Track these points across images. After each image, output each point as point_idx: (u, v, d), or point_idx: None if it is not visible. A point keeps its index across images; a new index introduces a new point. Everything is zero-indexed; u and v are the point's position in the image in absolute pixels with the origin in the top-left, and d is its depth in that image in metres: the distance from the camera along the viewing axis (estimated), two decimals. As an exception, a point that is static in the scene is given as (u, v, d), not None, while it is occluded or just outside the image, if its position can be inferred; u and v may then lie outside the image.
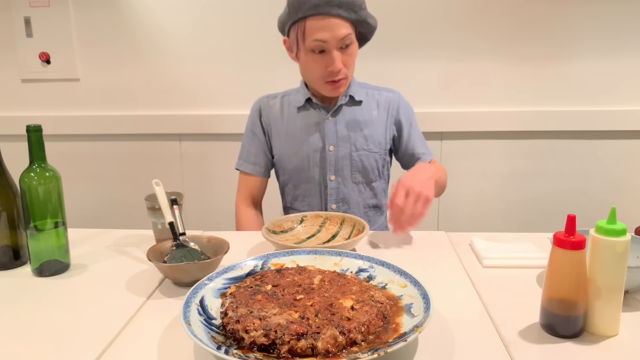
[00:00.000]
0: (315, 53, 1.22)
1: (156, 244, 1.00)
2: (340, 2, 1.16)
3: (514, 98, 2.02)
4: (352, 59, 1.25)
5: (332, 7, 1.16)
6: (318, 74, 1.25)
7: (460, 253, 1.07)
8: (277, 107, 1.39)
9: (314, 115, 1.35)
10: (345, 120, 1.34)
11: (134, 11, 2.02)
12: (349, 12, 1.18)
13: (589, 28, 1.94)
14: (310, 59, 1.24)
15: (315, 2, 1.15)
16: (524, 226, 2.13)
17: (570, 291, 0.71)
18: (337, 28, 1.18)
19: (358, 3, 1.19)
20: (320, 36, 1.18)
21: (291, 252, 0.93)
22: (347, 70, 1.25)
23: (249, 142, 1.42)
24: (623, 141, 2.04)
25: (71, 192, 1.52)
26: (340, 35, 1.19)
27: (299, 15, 1.19)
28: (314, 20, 1.18)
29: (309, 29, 1.19)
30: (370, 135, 1.34)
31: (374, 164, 1.36)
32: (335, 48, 1.20)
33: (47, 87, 2.10)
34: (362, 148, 1.34)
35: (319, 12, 1.16)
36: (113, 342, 0.73)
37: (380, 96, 1.38)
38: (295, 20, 1.21)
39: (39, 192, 0.94)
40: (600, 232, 0.70)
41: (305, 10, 1.17)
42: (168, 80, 2.07)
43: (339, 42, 1.20)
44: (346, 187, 1.36)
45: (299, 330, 0.65)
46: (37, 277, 0.96)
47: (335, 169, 1.35)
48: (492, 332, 0.74)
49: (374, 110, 1.36)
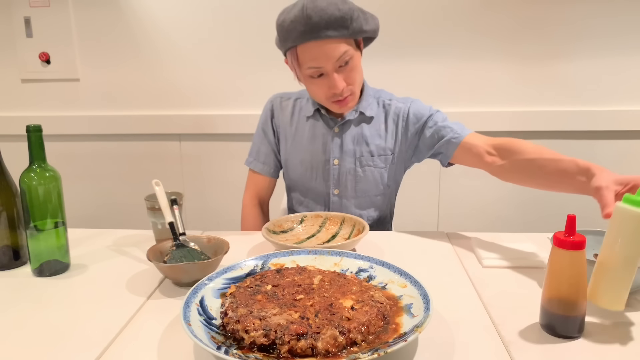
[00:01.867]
0: (314, 78, 1.17)
1: (156, 244, 1.00)
2: (327, 23, 1.08)
3: (514, 98, 2.02)
4: (354, 73, 1.18)
5: (320, 30, 1.08)
6: (322, 95, 1.20)
7: (460, 253, 1.07)
8: (288, 110, 1.36)
9: (321, 126, 1.31)
10: (352, 134, 1.29)
11: (134, 11, 2.02)
12: (340, 30, 1.10)
13: (588, 28, 1.94)
14: (310, 83, 1.19)
15: (301, 29, 1.08)
16: (524, 226, 2.13)
17: (570, 291, 0.71)
18: (330, 51, 1.11)
19: (348, 17, 1.10)
20: (314, 63, 1.12)
21: (291, 252, 0.93)
22: (352, 85, 1.18)
23: (260, 141, 1.39)
24: (622, 141, 2.04)
25: (71, 192, 1.52)
26: (336, 56, 1.12)
27: (288, 45, 1.14)
28: (305, 47, 1.11)
29: (302, 56, 1.13)
30: (376, 150, 1.29)
31: (378, 179, 1.31)
32: (334, 70, 1.14)
33: (47, 87, 2.10)
34: (367, 164, 1.30)
35: (307, 39, 1.10)
36: (113, 342, 0.73)
37: (391, 107, 1.30)
38: (288, 48, 1.15)
39: (39, 192, 0.94)
40: (629, 203, 0.71)
41: (294, 39, 1.11)
42: (168, 80, 2.07)
43: (336, 63, 1.13)
44: (348, 201, 1.33)
45: (299, 330, 0.65)
46: (37, 277, 0.96)
47: (339, 182, 1.32)
48: (492, 332, 0.74)
49: (382, 124, 1.30)
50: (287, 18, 1.10)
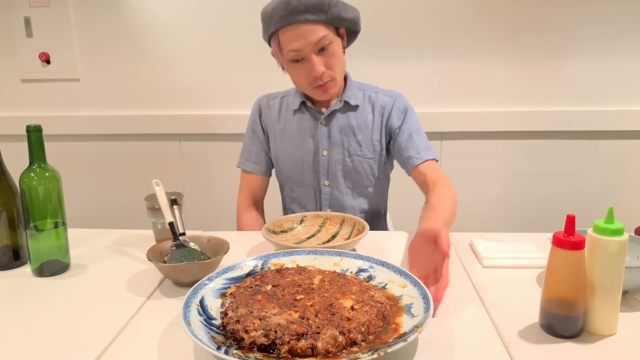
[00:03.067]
0: (295, 62, 1.21)
1: (156, 244, 1.00)
2: (305, 7, 1.14)
3: (514, 98, 2.02)
4: (334, 59, 1.22)
5: (299, 14, 1.14)
6: (304, 81, 1.24)
7: (460, 253, 1.07)
8: (275, 107, 1.39)
9: (308, 119, 1.34)
10: (339, 125, 1.32)
11: (134, 11, 2.02)
12: (318, 13, 1.16)
13: (588, 28, 1.94)
14: (292, 69, 1.24)
15: (281, 14, 1.14)
16: (524, 226, 2.13)
17: (569, 291, 0.71)
18: (308, 34, 1.16)
19: (326, 3, 1.16)
20: (294, 46, 1.17)
21: (291, 252, 0.93)
22: (333, 71, 1.22)
23: (250, 141, 1.42)
24: (623, 141, 2.04)
25: (71, 192, 1.52)
26: (314, 40, 1.16)
27: (270, 30, 1.19)
28: (285, 31, 1.17)
29: (283, 41, 1.19)
30: (364, 140, 1.32)
31: (368, 170, 1.34)
32: (313, 53, 1.18)
33: (47, 87, 2.10)
34: (355, 154, 1.32)
35: (287, 22, 1.15)
36: (113, 342, 0.73)
37: (377, 99, 1.34)
38: (270, 35, 1.22)
39: (39, 192, 0.94)
40: (597, 232, 0.71)
41: (275, 23, 1.17)
42: (168, 80, 2.07)
43: (314, 46, 1.17)
44: (340, 192, 1.35)
45: (299, 330, 0.65)
46: (37, 277, 0.96)
47: (329, 174, 1.34)
48: (492, 332, 0.74)
49: (369, 114, 1.33)
50: (269, 6, 1.19)
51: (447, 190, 1.17)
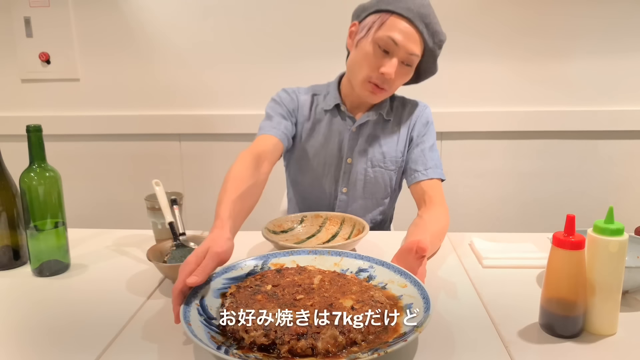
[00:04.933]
0: (378, 48, 1.16)
1: (156, 244, 1.00)
2: (428, 23, 1.14)
3: (514, 98, 2.02)
4: (402, 78, 1.20)
5: (420, 21, 1.14)
6: (366, 69, 1.18)
7: (460, 253, 1.07)
8: (307, 102, 1.32)
9: (338, 122, 1.30)
10: (367, 134, 1.29)
11: (134, 11, 2.02)
12: (429, 36, 1.16)
13: (588, 28, 1.94)
14: (370, 51, 1.16)
15: (409, 6, 1.13)
16: (524, 226, 2.13)
17: (569, 291, 0.71)
18: (412, 41, 1.14)
19: (439, 39, 1.18)
20: (396, 37, 1.13)
21: (291, 252, 0.93)
22: (394, 83, 1.19)
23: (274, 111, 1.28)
24: (623, 141, 2.04)
25: (71, 192, 1.52)
26: (410, 49, 1.15)
27: (389, 7, 1.15)
28: (399, 19, 1.14)
29: (390, 24, 1.14)
30: (388, 152, 1.29)
31: (387, 181, 1.32)
32: (399, 56, 1.15)
33: (47, 87, 2.10)
34: (378, 165, 1.30)
35: (407, 15, 1.13)
36: (113, 342, 0.73)
37: (405, 111, 1.32)
38: (382, 9, 1.16)
39: (39, 192, 0.94)
40: (597, 232, 0.71)
41: (397, 5, 1.14)
42: (168, 80, 2.07)
43: (406, 53, 1.15)
44: (355, 202, 1.32)
45: (299, 330, 0.65)
46: (37, 277, 0.96)
47: (349, 182, 1.31)
48: (492, 332, 0.74)
49: (396, 126, 1.31)
50: None
51: (442, 213, 1.15)
